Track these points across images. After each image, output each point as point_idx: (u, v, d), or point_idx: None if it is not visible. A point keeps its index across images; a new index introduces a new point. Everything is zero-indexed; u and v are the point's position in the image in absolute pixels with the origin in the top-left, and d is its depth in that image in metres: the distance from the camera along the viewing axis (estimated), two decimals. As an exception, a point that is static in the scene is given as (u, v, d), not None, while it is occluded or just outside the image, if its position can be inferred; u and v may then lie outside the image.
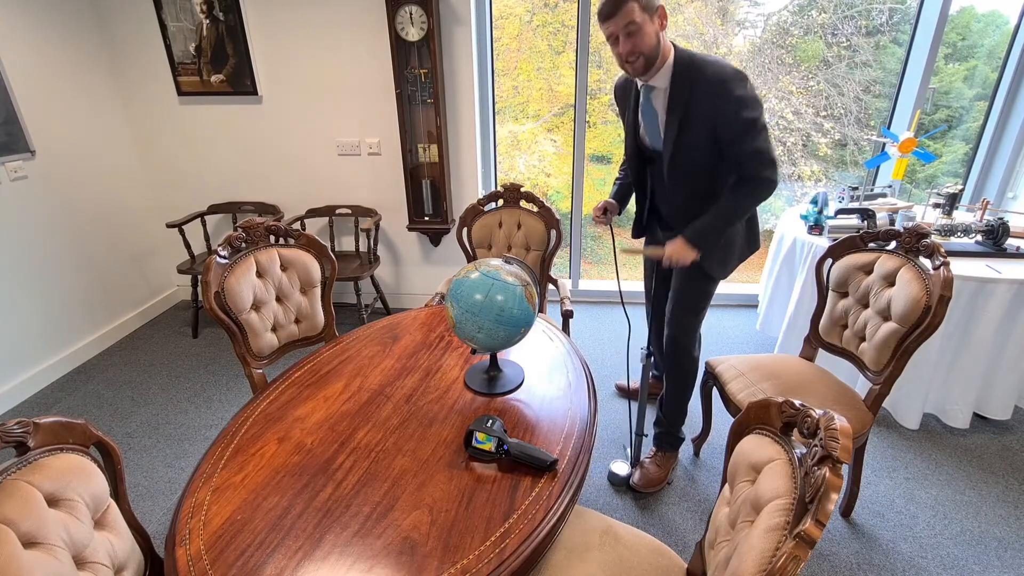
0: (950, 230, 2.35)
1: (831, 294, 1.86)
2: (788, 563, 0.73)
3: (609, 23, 1.46)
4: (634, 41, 1.46)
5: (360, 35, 2.86)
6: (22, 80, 2.56)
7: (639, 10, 1.42)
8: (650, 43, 1.47)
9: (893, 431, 2.28)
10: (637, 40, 1.46)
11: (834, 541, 1.79)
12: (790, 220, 2.72)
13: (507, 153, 3.94)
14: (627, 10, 1.42)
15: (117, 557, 0.98)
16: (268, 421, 1.30)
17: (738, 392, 1.80)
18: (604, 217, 1.89)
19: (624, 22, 1.44)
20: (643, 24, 1.44)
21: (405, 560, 0.93)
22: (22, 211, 2.60)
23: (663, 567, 1.17)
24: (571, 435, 1.25)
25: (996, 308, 2.05)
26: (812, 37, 3.31)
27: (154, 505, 1.98)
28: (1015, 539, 1.79)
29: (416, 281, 3.49)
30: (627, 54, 1.49)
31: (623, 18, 1.43)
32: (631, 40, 1.46)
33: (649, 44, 1.47)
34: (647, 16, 1.44)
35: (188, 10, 2.87)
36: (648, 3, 1.43)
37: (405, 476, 1.12)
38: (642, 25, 1.44)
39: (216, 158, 3.25)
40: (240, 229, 1.73)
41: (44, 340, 2.73)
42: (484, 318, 1.25)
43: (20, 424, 0.90)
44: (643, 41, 1.46)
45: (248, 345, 1.68)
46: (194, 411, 2.51)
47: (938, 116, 3.22)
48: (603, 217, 1.89)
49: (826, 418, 0.82)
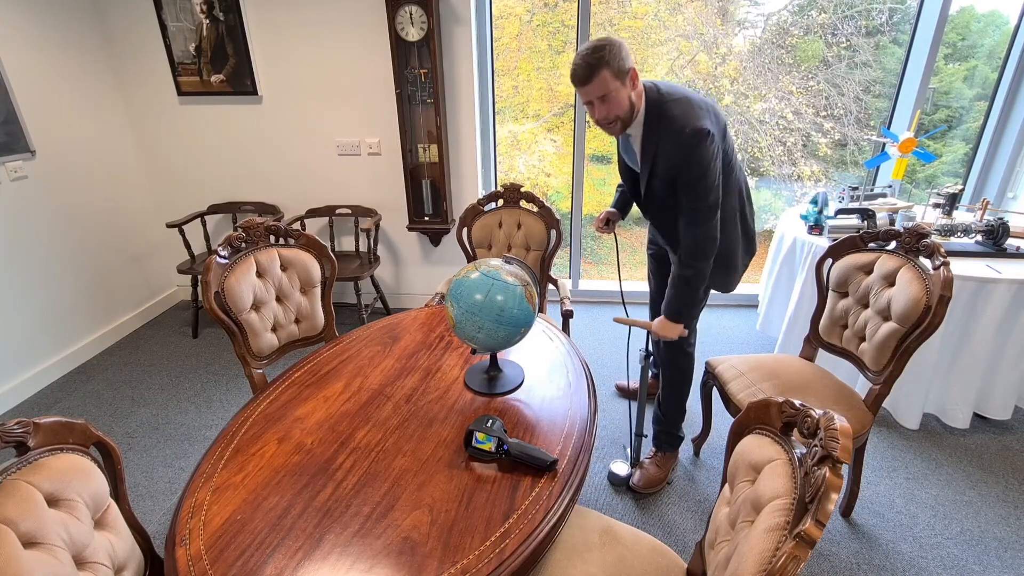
0: (950, 230, 2.35)
1: (831, 294, 1.86)
2: (788, 563, 0.73)
3: (583, 90, 1.49)
4: (608, 107, 1.49)
5: (360, 35, 2.86)
6: (22, 80, 2.56)
7: (611, 78, 1.44)
8: (624, 107, 1.50)
9: (893, 431, 2.28)
10: (612, 106, 1.49)
11: (834, 541, 1.79)
12: (790, 220, 2.72)
13: (507, 153, 3.94)
14: (600, 80, 1.44)
15: (117, 557, 0.98)
16: (268, 421, 1.30)
17: (738, 392, 1.80)
18: (607, 228, 1.95)
19: (598, 92, 1.46)
20: (616, 91, 1.47)
21: (405, 560, 0.93)
22: (22, 211, 2.60)
23: (663, 567, 1.17)
24: (571, 435, 1.25)
25: (996, 308, 2.05)
26: (812, 37, 3.31)
27: (154, 505, 1.98)
28: (1015, 539, 1.79)
29: (416, 281, 3.49)
30: (604, 119, 1.53)
31: (597, 87, 1.46)
32: (606, 106, 1.49)
33: (623, 108, 1.51)
34: (619, 83, 1.46)
35: (188, 10, 2.87)
36: (619, 69, 1.44)
37: (405, 476, 1.12)
38: (615, 92, 1.47)
39: (216, 158, 3.25)
40: (240, 229, 1.73)
41: (44, 340, 2.73)
42: (484, 318, 1.25)
43: (20, 424, 0.90)
44: (618, 106, 1.49)
45: (248, 345, 1.68)
46: (194, 411, 2.51)
47: (938, 116, 3.22)
48: (606, 228, 1.95)
49: (826, 418, 0.82)
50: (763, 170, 3.70)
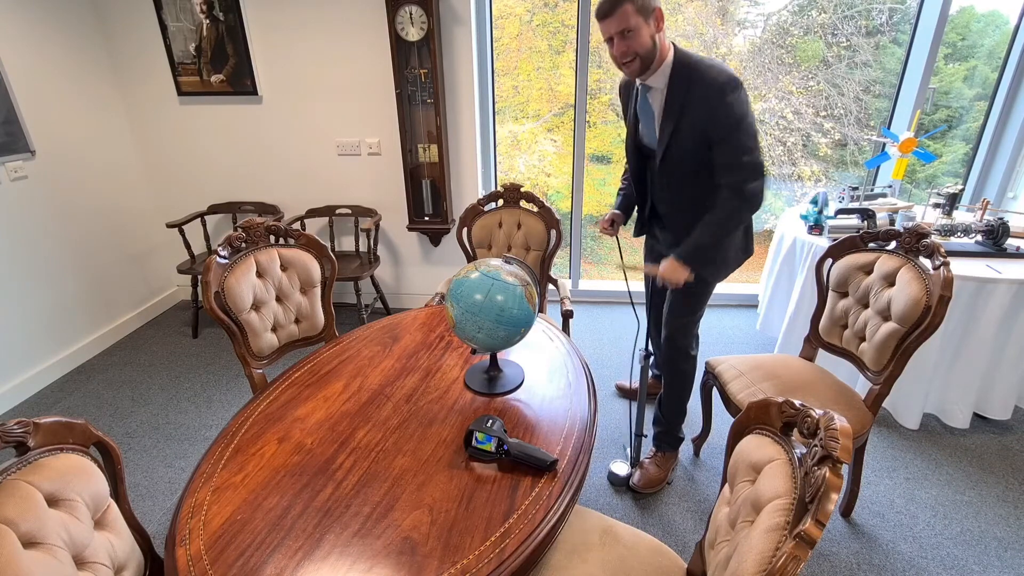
0: (950, 230, 2.35)
1: (831, 294, 1.86)
2: (788, 563, 0.73)
3: (605, 24, 1.48)
4: (628, 43, 1.47)
5: (360, 35, 2.86)
6: (22, 80, 2.56)
7: (634, 12, 1.43)
8: (646, 45, 1.48)
9: (893, 431, 2.28)
10: (632, 42, 1.47)
11: (834, 541, 1.79)
12: (790, 220, 2.72)
13: (507, 153, 3.94)
14: (622, 12, 1.43)
15: (117, 557, 0.98)
16: (268, 421, 1.30)
17: (738, 392, 1.80)
18: (612, 229, 1.93)
19: (620, 25, 1.45)
20: (639, 27, 1.45)
21: (405, 560, 0.93)
22: (22, 211, 2.60)
23: (663, 567, 1.17)
24: (571, 435, 1.25)
25: (996, 308, 2.05)
26: (812, 37, 3.31)
27: (154, 505, 1.98)
28: (1015, 539, 1.79)
29: (416, 281, 3.49)
30: (622, 55, 1.51)
31: (618, 21, 1.45)
32: (626, 42, 1.48)
33: (645, 46, 1.49)
34: (642, 19, 1.45)
35: (188, 10, 2.87)
36: (644, 5, 1.44)
37: (405, 476, 1.12)
38: (638, 27, 1.45)
39: (216, 158, 3.25)
40: (240, 229, 1.73)
41: (44, 340, 2.73)
42: (484, 318, 1.25)
43: (20, 424, 0.90)
44: (638, 43, 1.48)
45: (248, 345, 1.68)
46: (194, 411, 2.51)
47: (938, 116, 3.22)
48: (610, 229, 1.93)
49: (826, 418, 0.82)
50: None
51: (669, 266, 1.64)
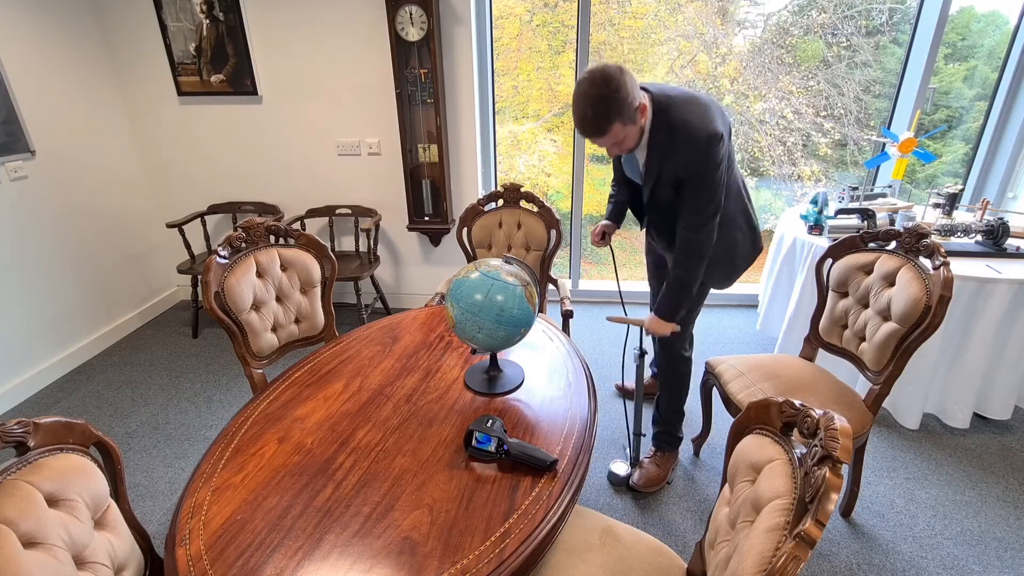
0: (950, 230, 2.35)
1: (831, 294, 1.86)
2: (788, 563, 0.73)
3: (596, 142, 1.48)
4: (620, 145, 1.49)
5: (360, 35, 2.86)
6: (22, 80, 2.56)
7: (622, 127, 1.42)
8: (635, 139, 1.50)
9: (893, 431, 2.28)
10: (624, 143, 1.49)
11: (834, 541, 1.79)
12: (790, 220, 2.72)
13: (507, 153, 3.94)
14: (612, 132, 1.42)
15: (117, 557, 0.98)
16: (268, 421, 1.30)
17: (738, 392, 1.80)
18: (603, 241, 1.94)
19: (612, 140, 1.45)
20: (629, 133, 1.45)
21: (405, 560, 0.93)
22: (22, 211, 2.60)
23: (663, 567, 1.17)
24: (571, 435, 1.25)
25: (996, 308, 2.05)
26: (812, 37, 3.31)
27: (154, 505, 1.98)
28: (1015, 539, 1.79)
29: (416, 281, 3.49)
30: (615, 154, 1.57)
31: (611, 138, 1.44)
32: (618, 145, 1.49)
33: (635, 140, 1.51)
34: (631, 124, 1.43)
35: (188, 10, 2.87)
36: (630, 115, 1.40)
37: (405, 476, 1.12)
38: (628, 134, 1.45)
39: (216, 158, 3.25)
40: (240, 229, 1.73)
41: (44, 340, 2.73)
42: (484, 318, 1.25)
43: (20, 424, 0.90)
44: (630, 141, 1.49)
45: (248, 345, 1.68)
46: (194, 411, 2.51)
47: (938, 116, 3.22)
48: (602, 241, 1.94)
49: (826, 418, 0.82)
50: (763, 170, 3.70)
51: (653, 324, 1.71)
